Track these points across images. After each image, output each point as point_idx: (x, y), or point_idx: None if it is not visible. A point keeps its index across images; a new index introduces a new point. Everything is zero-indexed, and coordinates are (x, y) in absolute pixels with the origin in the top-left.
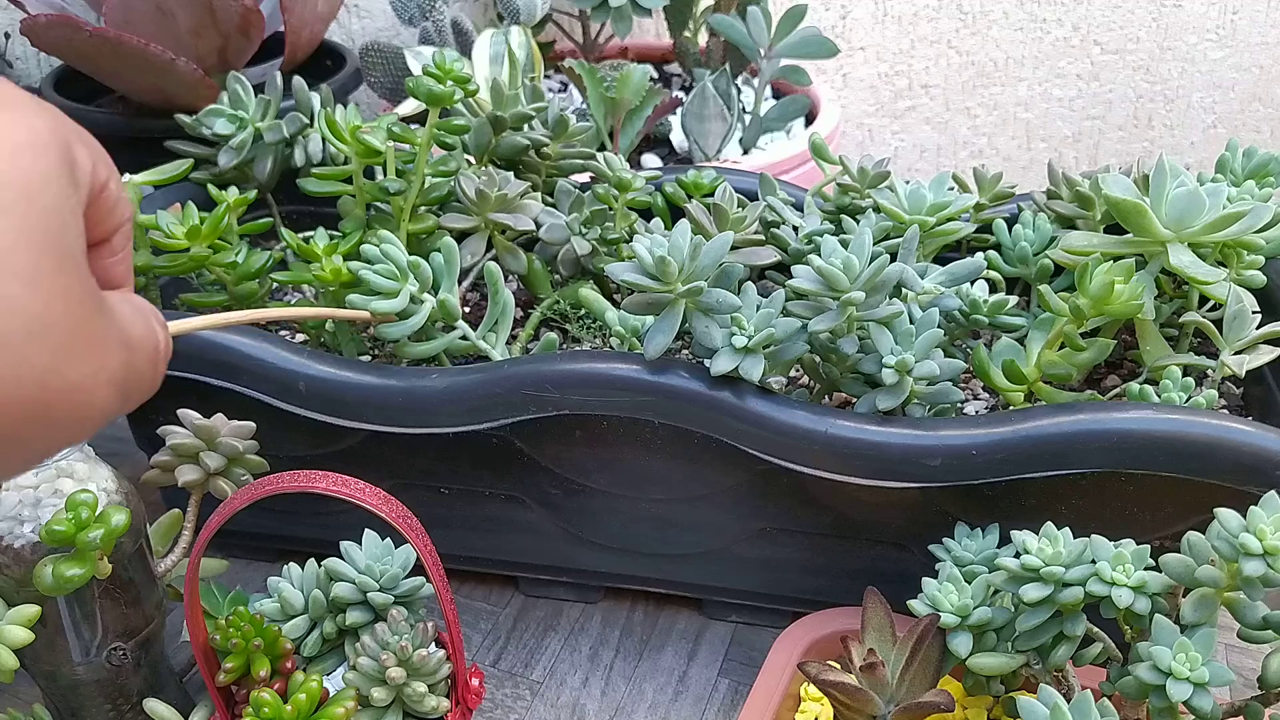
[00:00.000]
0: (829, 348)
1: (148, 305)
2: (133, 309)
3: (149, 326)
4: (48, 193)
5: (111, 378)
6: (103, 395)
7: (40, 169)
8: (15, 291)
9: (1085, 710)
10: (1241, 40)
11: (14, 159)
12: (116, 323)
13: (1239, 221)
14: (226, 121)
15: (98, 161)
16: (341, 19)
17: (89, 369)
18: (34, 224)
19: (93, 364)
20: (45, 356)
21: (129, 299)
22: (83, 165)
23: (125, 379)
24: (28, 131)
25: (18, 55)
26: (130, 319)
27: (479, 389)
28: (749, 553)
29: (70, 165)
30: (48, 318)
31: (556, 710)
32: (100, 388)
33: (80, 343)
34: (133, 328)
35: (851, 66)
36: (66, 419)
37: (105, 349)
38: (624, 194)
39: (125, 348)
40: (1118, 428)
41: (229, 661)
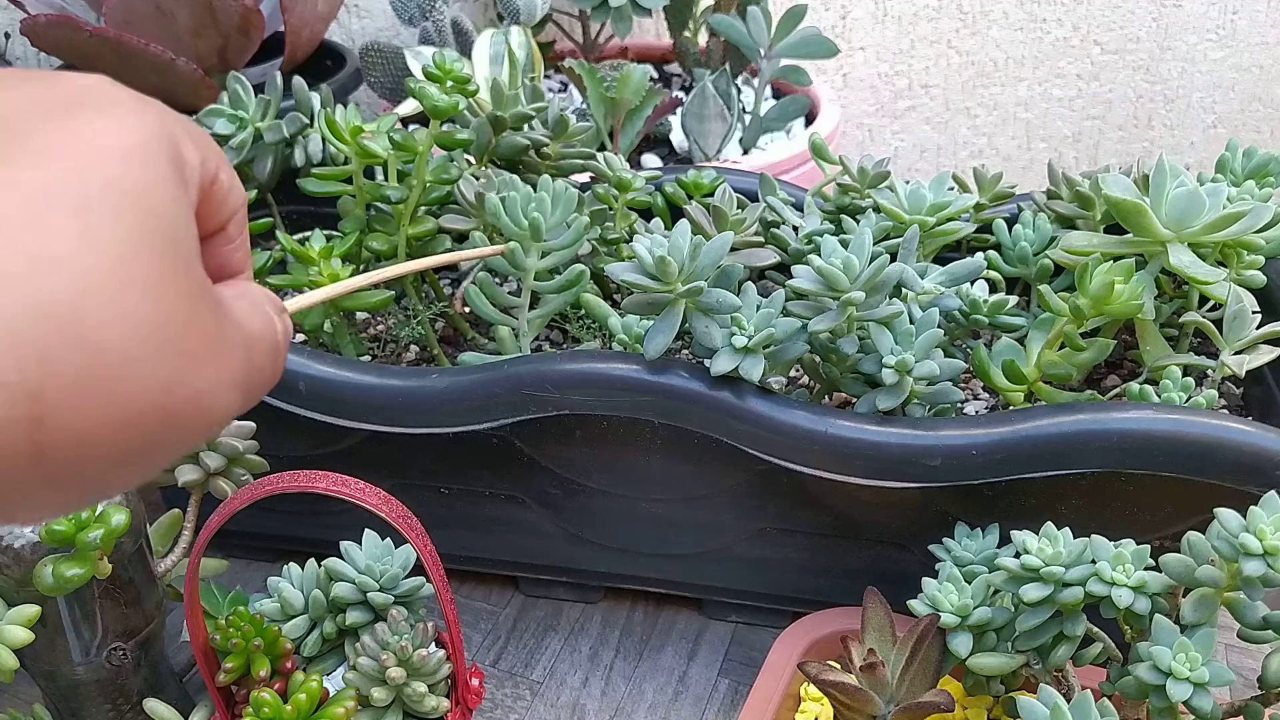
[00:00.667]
0: (829, 348)
1: (263, 293)
2: (249, 303)
3: (267, 319)
4: (162, 196)
5: (234, 379)
6: (227, 398)
7: (152, 172)
8: (136, 302)
9: (1085, 710)
10: (1241, 40)
11: (126, 164)
12: (235, 322)
13: (1239, 221)
14: (226, 121)
15: (206, 153)
16: (341, 19)
17: (212, 373)
18: (150, 230)
19: (215, 368)
20: (169, 367)
21: (245, 292)
22: (191, 162)
23: (248, 377)
24: (134, 131)
25: (18, 55)
26: (248, 314)
27: (479, 389)
28: (749, 553)
29: (180, 164)
30: (170, 327)
31: (556, 710)
32: (225, 390)
33: (202, 348)
34: (251, 323)
35: (851, 66)
36: (193, 425)
37: (227, 351)
38: (624, 194)
39: (245, 346)
40: (1118, 428)
41: (229, 661)
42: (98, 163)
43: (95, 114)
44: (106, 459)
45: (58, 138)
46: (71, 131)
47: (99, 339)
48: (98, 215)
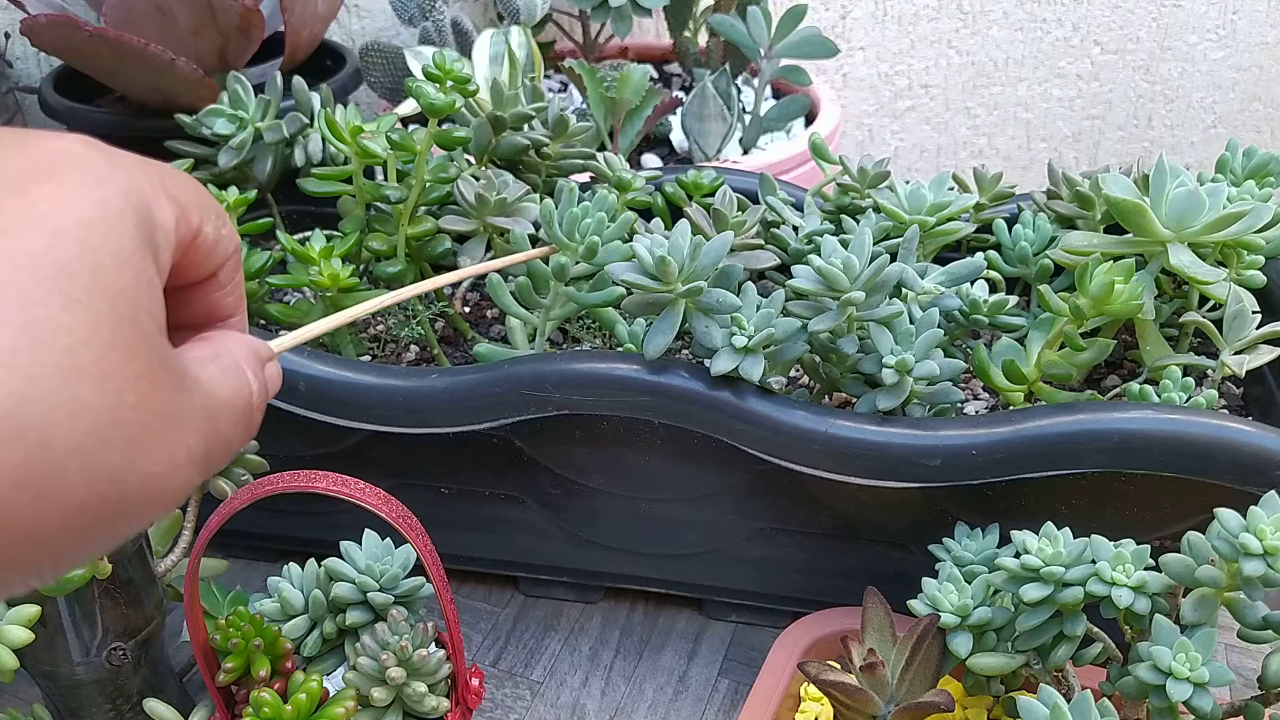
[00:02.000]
0: (829, 348)
1: (246, 348)
2: (221, 367)
3: (239, 383)
4: (121, 274)
5: (191, 455)
6: (182, 476)
7: (111, 247)
8: (83, 393)
9: (1085, 710)
10: (1241, 40)
11: (82, 241)
12: (199, 393)
13: (1239, 221)
14: (226, 121)
15: (186, 209)
16: (341, 19)
17: (165, 455)
18: (103, 313)
19: (169, 448)
20: (117, 455)
21: (221, 352)
22: (164, 224)
23: (208, 450)
24: (96, 204)
25: (18, 55)
26: (217, 381)
27: (479, 389)
28: (749, 553)
29: (149, 230)
30: (118, 413)
31: (556, 710)
32: (179, 469)
33: (155, 431)
34: (220, 390)
35: (851, 66)
36: (142, 510)
37: (184, 428)
38: (624, 194)
39: (208, 418)
40: (1118, 428)
41: (229, 661)
42: (52, 247)
43: (56, 187)
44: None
45: (13, 218)
46: (27, 211)
47: (41, 436)
48: (45, 306)
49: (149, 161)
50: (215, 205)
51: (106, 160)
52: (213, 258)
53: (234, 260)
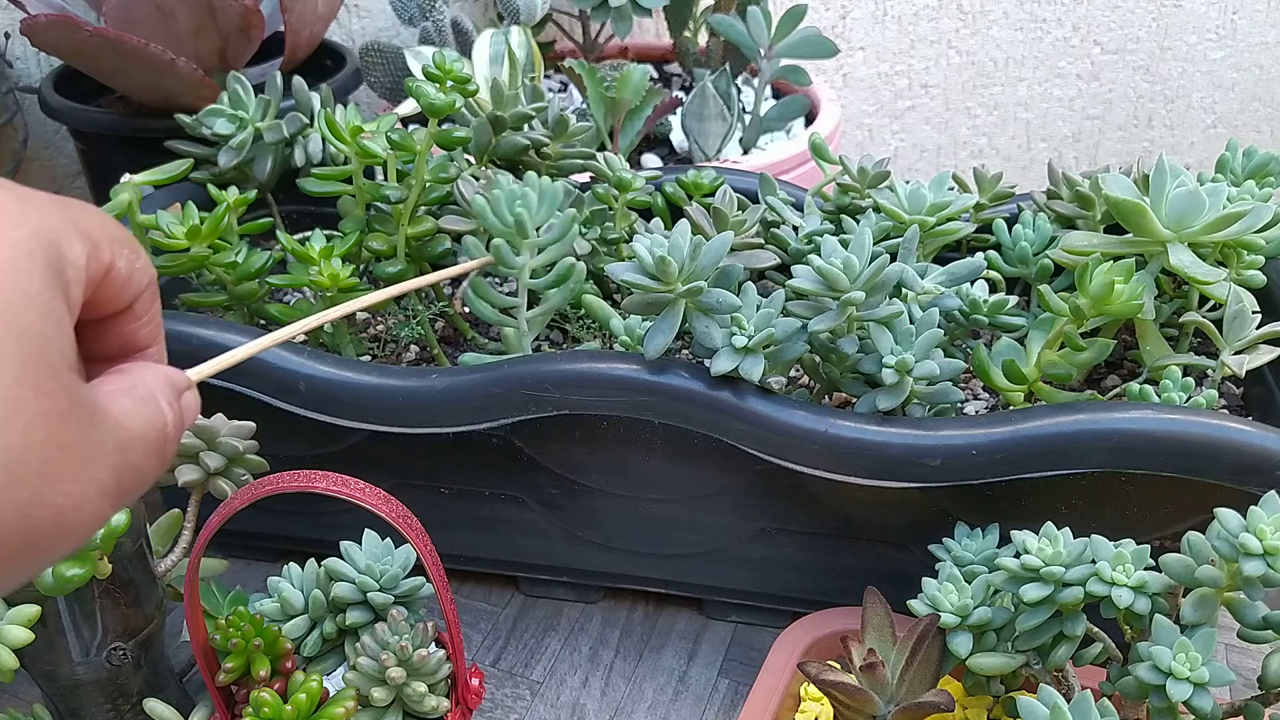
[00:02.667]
0: (829, 348)
1: (161, 379)
2: (135, 399)
3: (153, 414)
4: (29, 311)
5: (102, 488)
6: (93, 508)
7: (20, 286)
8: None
9: (1085, 710)
10: (1241, 40)
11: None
12: (110, 426)
13: (1239, 221)
14: (226, 121)
15: (98, 244)
16: (341, 19)
17: (76, 488)
18: (11, 351)
19: (80, 481)
20: (26, 489)
21: (135, 385)
22: (75, 261)
23: (120, 482)
24: (5, 245)
25: (18, 55)
26: (131, 413)
27: (479, 389)
28: (749, 553)
29: (59, 267)
30: (27, 449)
31: (556, 710)
32: (90, 502)
33: (65, 464)
34: (132, 422)
35: (851, 66)
36: (55, 542)
37: (95, 461)
38: (624, 194)
39: (119, 451)
40: (1118, 428)
41: (229, 661)
42: None
43: None
44: None
45: None
46: None
47: None
48: None
49: (60, 199)
50: (129, 240)
51: (17, 200)
52: (126, 291)
53: (149, 293)
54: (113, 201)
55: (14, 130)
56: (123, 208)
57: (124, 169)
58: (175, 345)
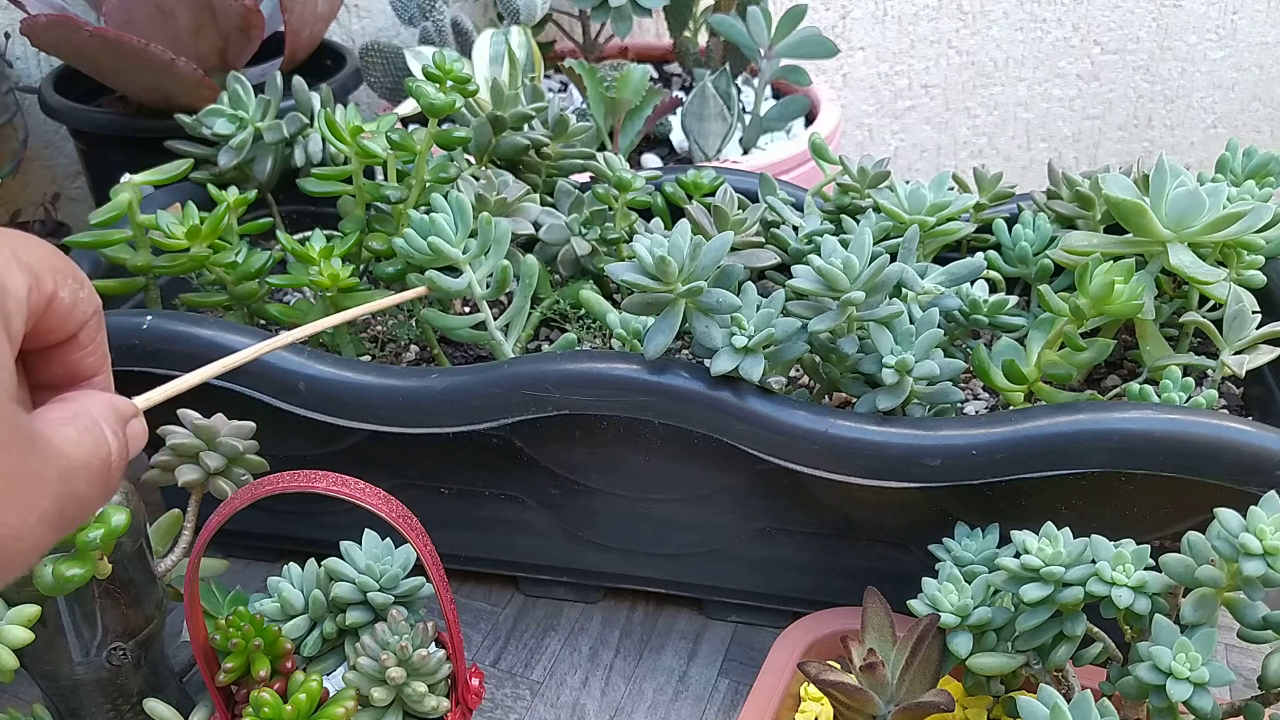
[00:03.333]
0: (829, 348)
1: (105, 407)
2: (79, 428)
3: (96, 443)
4: None
5: (43, 516)
6: (34, 537)
7: None
8: None
9: (1085, 710)
10: (1241, 40)
11: None
12: (52, 455)
13: (1239, 221)
14: (226, 121)
15: (39, 275)
16: (341, 19)
17: (16, 517)
18: None
19: (20, 510)
20: None
21: (79, 413)
22: (15, 293)
23: (62, 511)
24: None
25: (18, 55)
26: (73, 442)
27: (479, 389)
28: (749, 553)
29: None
30: None
31: (556, 710)
32: (31, 531)
33: (5, 495)
34: (75, 450)
35: (851, 66)
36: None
37: (36, 490)
38: (624, 194)
39: (61, 479)
40: (1118, 428)
41: (229, 661)
42: None
43: None
44: None
45: None
46: None
47: None
48: None
49: (2, 231)
50: (73, 270)
51: None
52: (70, 321)
53: (94, 322)
54: (112, 201)
55: (14, 130)
56: (123, 208)
57: (124, 169)
58: (175, 345)
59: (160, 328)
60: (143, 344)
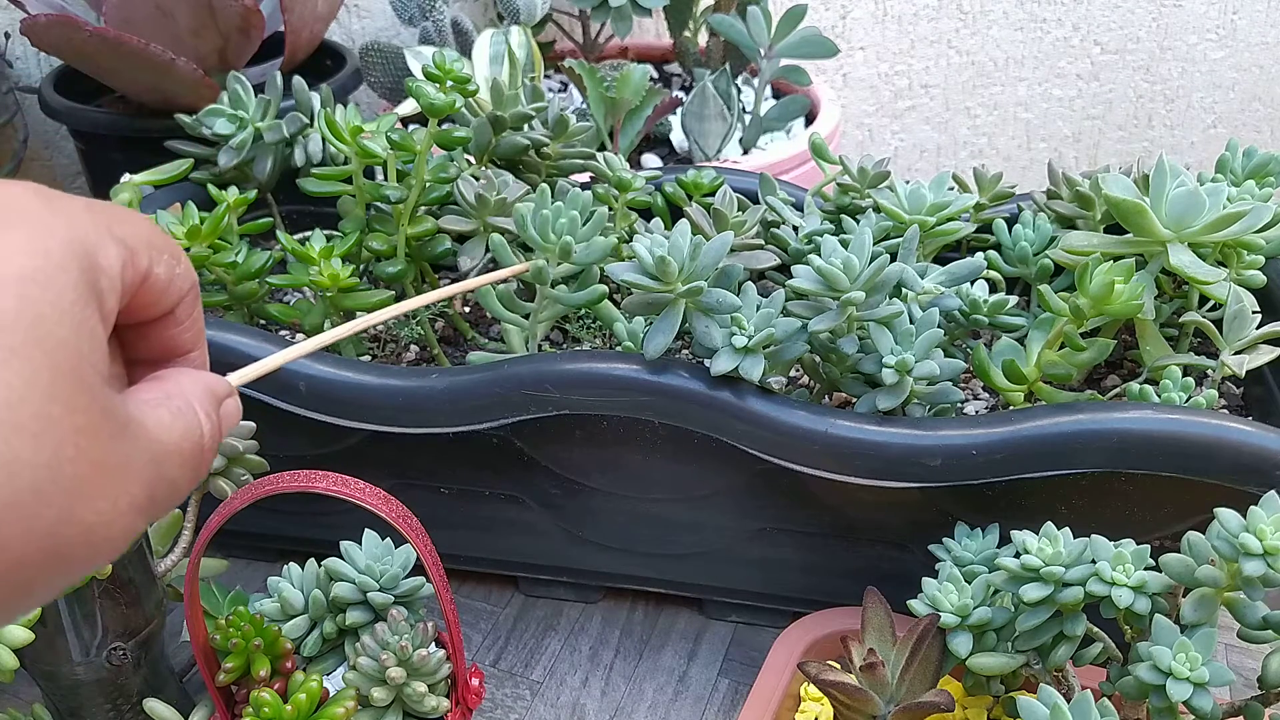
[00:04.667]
0: (829, 348)
1: (200, 387)
2: (171, 411)
3: (189, 425)
4: (61, 325)
5: (134, 503)
6: (123, 524)
7: (51, 298)
8: (20, 449)
9: (1085, 710)
10: (1241, 40)
11: (21, 294)
12: (144, 440)
13: (1239, 221)
14: (226, 121)
15: (134, 251)
16: (341, 19)
17: (106, 504)
18: (42, 365)
19: (110, 497)
20: (55, 507)
21: (173, 393)
22: (110, 270)
23: (153, 496)
24: (36, 255)
25: (18, 55)
26: (166, 425)
27: (479, 389)
28: (749, 553)
29: (93, 277)
30: (56, 467)
31: (556, 710)
32: (120, 518)
33: (95, 481)
34: (168, 434)
35: (851, 66)
36: (84, 559)
37: (127, 476)
38: (624, 194)
39: (154, 464)
40: (1118, 428)
41: (229, 661)
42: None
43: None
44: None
45: None
46: None
47: None
48: None
49: (96, 205)
50: (169, 245)
51: (49, 208)
52: (166, 297)
53: (190, 297)
54: (113, 201)
55: (14, 130)
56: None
57: (124, 169)
58: None
59: None
60: None
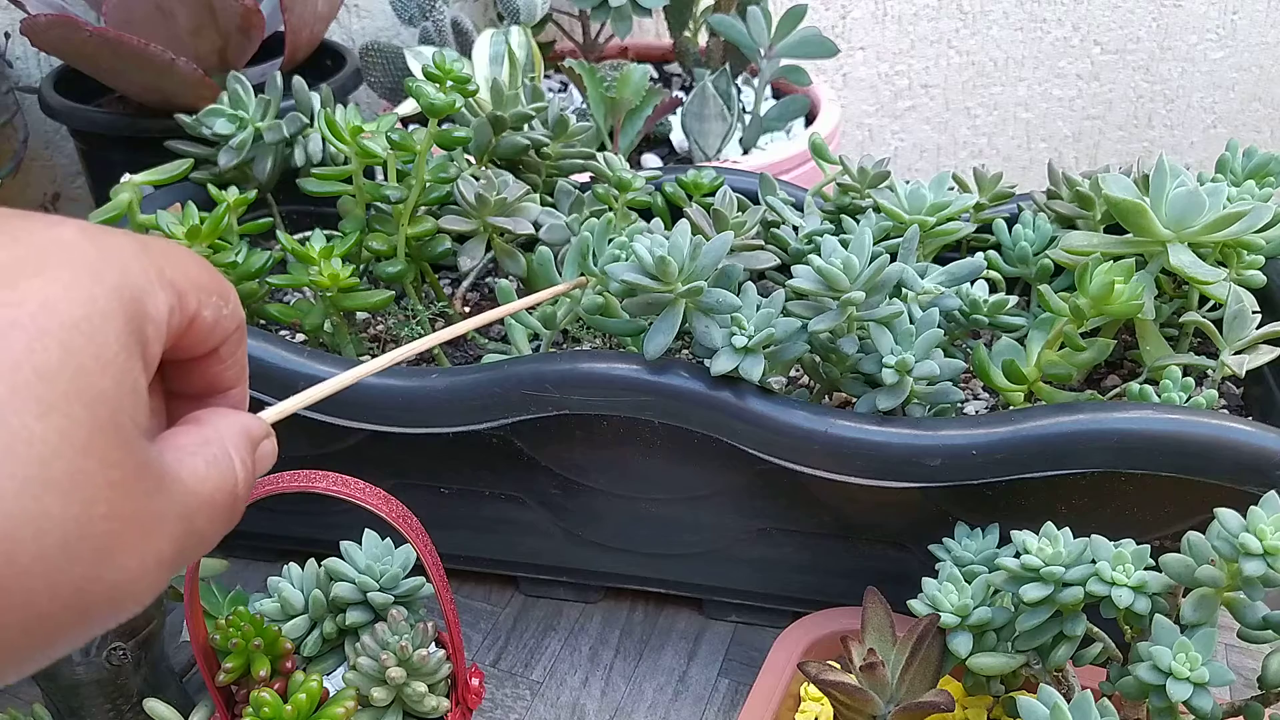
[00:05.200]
0: (829, 348)
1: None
2: (206, 460)
3: (223, 475)
4: (103, 376)
5: (161, 559)
6: (149, 580)
7: (94, 350)
8: (51, 505)
9: (1085, 710)
10: (1241, 40)
11: (66, 343)
12: (178, 493)
13: (1239, 221)
14: (226, 121)
15: (183, 295)
16: (341, 19)
17: (134, 562)
18: (81, 419)
19: (139, 554)
20: (83, 565)
21: (210, 439)
22: (157, 317)
23: (181, 550)
24: (84, 302)
25: (18, 55)
26: (200, 476)
27: (479, 389)
28: (749, 553)
29: (139, 324)
30: (87, 524)
31: (556, 710)
32: (147, 574)
33: (124, 538)
34: (202, 486)
35: (851, 66)
36: (105, 615)
37: (156, 532)
38: (624, 194)
39: (184, 518)
40: (1118, 428)
41: (229, 661)
42: (32, 350)
43: (45, 283)
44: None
45: None
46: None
47: (5, 550)
48: (20, 416)
49: (148, 245)
50: (218, 285)
51: (99, 252)
52: (211, 338)
53: (236, 337)
54: (112, 201)
55: (14, 130)
56: (123, 208)
57: (124, 169)
58: None
59: None
60: None
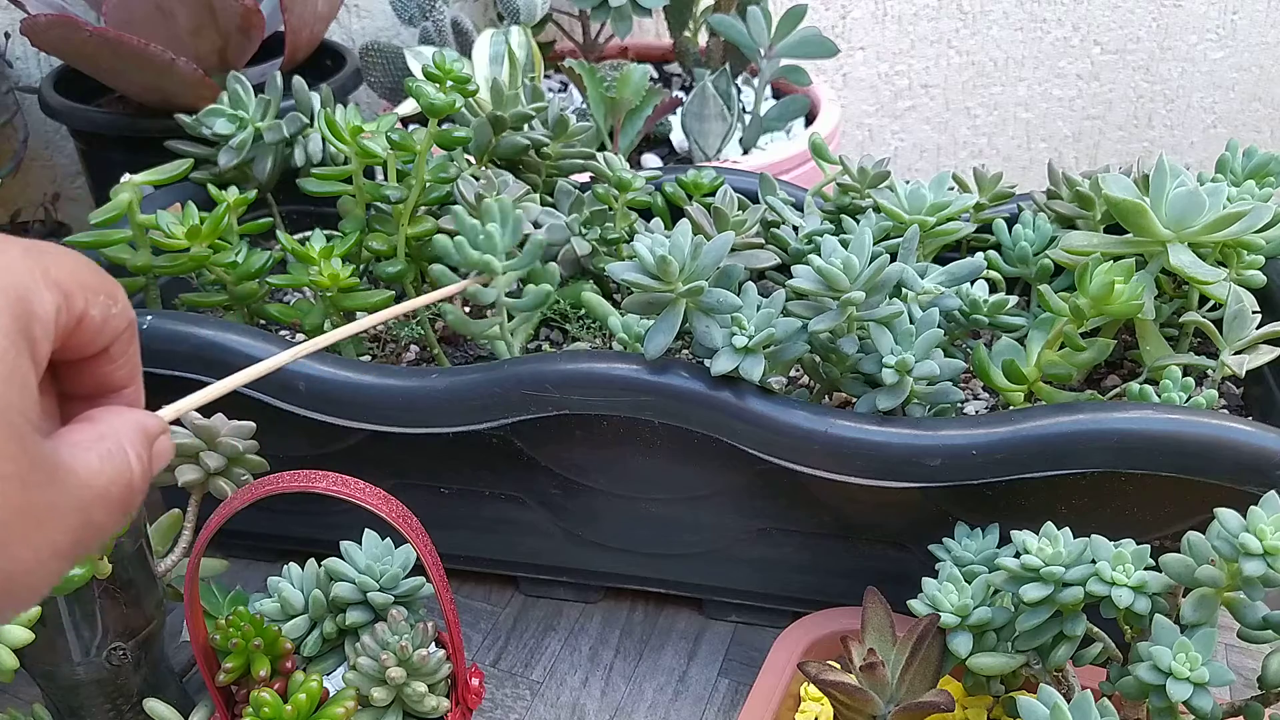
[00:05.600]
0: (829, 348)
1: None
2: (100, 455)
3: (118, 468)
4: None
5: (57, 550)
6: (45, 571)
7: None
8: None
9: (1085, 710)
10: (1241, 40)
11: None
12: (72, 486)
13: (1239, 221)
14: (226, 121)
15: (70, 295)
16: (341, 19)
17: (29, 552)
18: None
19: (33, 545)
20: None
21: (105, 434)
22: (44, 316)
23: (76, 541)
24: None
25: (18, 55)
26: (94, 470)
27: (479, 389)
28: (749, 553)
29: (26, 323)
30: None
31: (556, 710)
32: (44, 565)
33: (18, 530)
34: (96, 479)
35: (851, 66)
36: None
37: (52, 523)
38: (624, 194)
39: (80, 510)
40: (1118, 428)
41: (229, 661)
42: None
43: None
44: None
45: None
46: None
47: None
48: None
49: (33, 249)
50: (105, 285)
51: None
52: (100, 337)
53: (126, 335)
54: (112, 201)
55: (14, 130)
56: (123, 208)
57: (124, 169)
58: (176, 345)
59: (161, 328)
60: (143, 344)
